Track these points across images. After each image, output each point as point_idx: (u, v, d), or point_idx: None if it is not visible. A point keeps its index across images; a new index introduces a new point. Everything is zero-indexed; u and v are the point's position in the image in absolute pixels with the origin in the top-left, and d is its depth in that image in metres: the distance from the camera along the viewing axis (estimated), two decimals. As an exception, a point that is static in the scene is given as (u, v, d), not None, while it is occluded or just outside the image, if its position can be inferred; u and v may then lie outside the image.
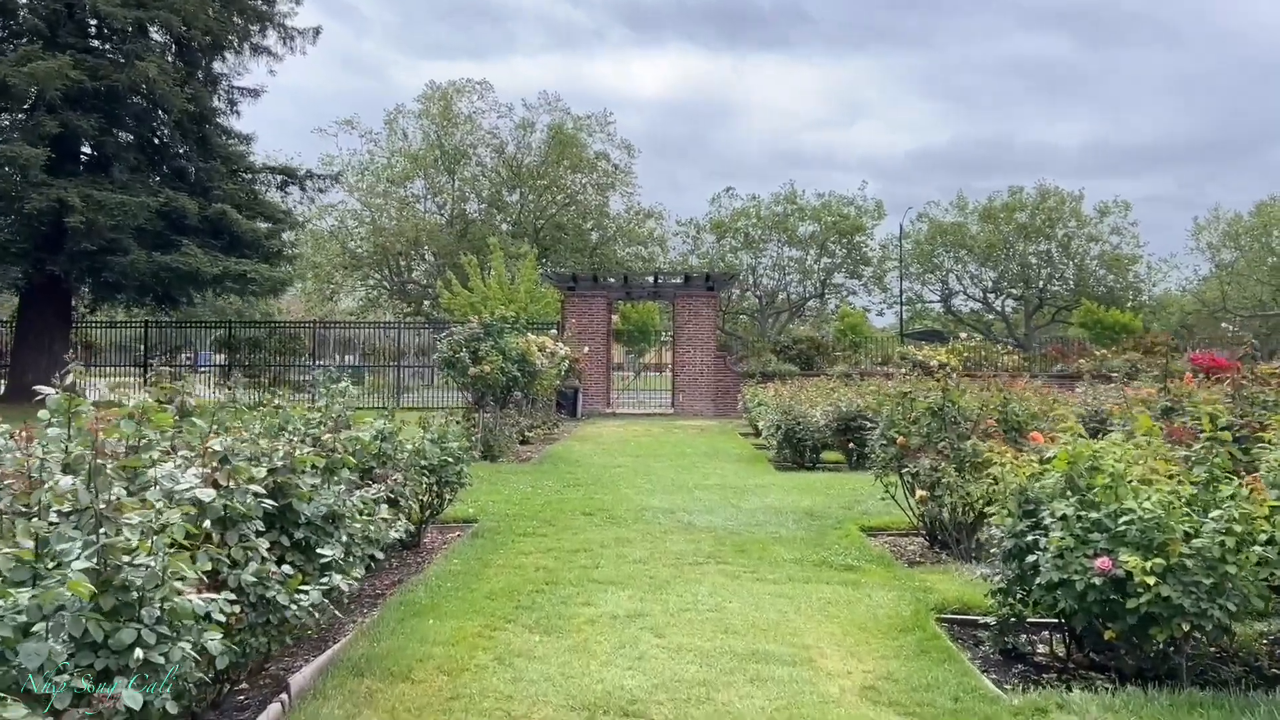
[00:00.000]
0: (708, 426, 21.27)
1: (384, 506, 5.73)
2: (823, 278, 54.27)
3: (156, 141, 21.68)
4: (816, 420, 13.65)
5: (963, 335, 27.09)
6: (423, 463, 7.20)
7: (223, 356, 25.54)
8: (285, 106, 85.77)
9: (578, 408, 24.39)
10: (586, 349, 24.59)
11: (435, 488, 7.84)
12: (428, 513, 8.00)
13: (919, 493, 7.48)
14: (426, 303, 51.35)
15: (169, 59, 21.82)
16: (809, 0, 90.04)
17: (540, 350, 18.14)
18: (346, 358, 30.80)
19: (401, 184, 50.95)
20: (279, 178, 23.81)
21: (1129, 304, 48.86)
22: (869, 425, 13.22)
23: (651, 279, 26.19)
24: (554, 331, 23.88)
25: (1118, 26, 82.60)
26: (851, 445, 13.25)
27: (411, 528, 6.97)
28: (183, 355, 26.05)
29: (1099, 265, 52.89)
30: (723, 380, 25.24)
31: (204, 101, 22.01)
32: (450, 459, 7.88)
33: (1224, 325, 49.90)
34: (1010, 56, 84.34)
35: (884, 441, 8.22)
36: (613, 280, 26.50)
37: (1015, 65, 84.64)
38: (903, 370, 24.90)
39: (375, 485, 5.86)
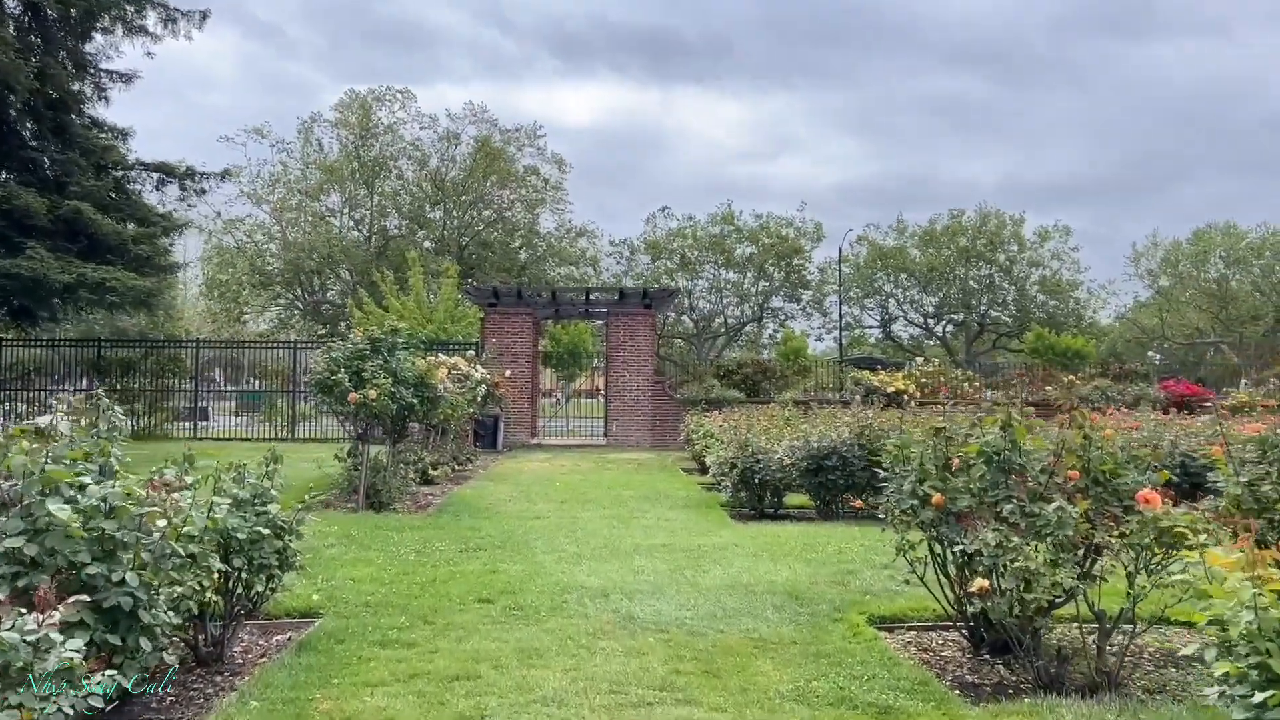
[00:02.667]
0: (645, 460, 18.70)
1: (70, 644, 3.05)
2: (761, 301, 52.34)
3: (2, 128, 18.49)
4: (779, 458, 11.19)
5: (919, 360, 24.99)
6: (192, 549, 4.45)
7: (88, 381, 22.23)
8: (207, 127, 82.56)
9: (498, 439, 21.62)
10: (509, 372, 21.87)
11: (245, 575, 5.15)
12: (238, 608, 5.31)
13: (978, 582, 4.97)
14: (343, 324, 48.10)
15: (21, 32, 18.69)
16: (735, 35, 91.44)
17: (450, 372, 15.42)
18: (252, 381, 27.61)
19: (316, 197, 47.70)
20: (156, 176, 20.72)
21: (1072, 330, 47.77)
22: (857, 464, 10.85)
23: (582, 295, 23.62)
24: (471, 353, 21.14)
25: (1030, 69, 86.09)
26: (823, 489, 10.80)
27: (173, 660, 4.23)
28: (62, 381, 22.65)
29: (1039, 290, 51.90)
30: (661, 407, 22.72)
31: (62, 83, 18.87)
32: (267, 533, 5.19)
33: (1150, 354, 49.33)
34: (930, 95, 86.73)
35: (912, 499, 5.72)
36: (539, 296, 23.85)
37: (935, 103, 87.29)
38: (858, 397, 22.71)
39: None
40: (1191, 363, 51.34)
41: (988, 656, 5.51)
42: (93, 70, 20.66)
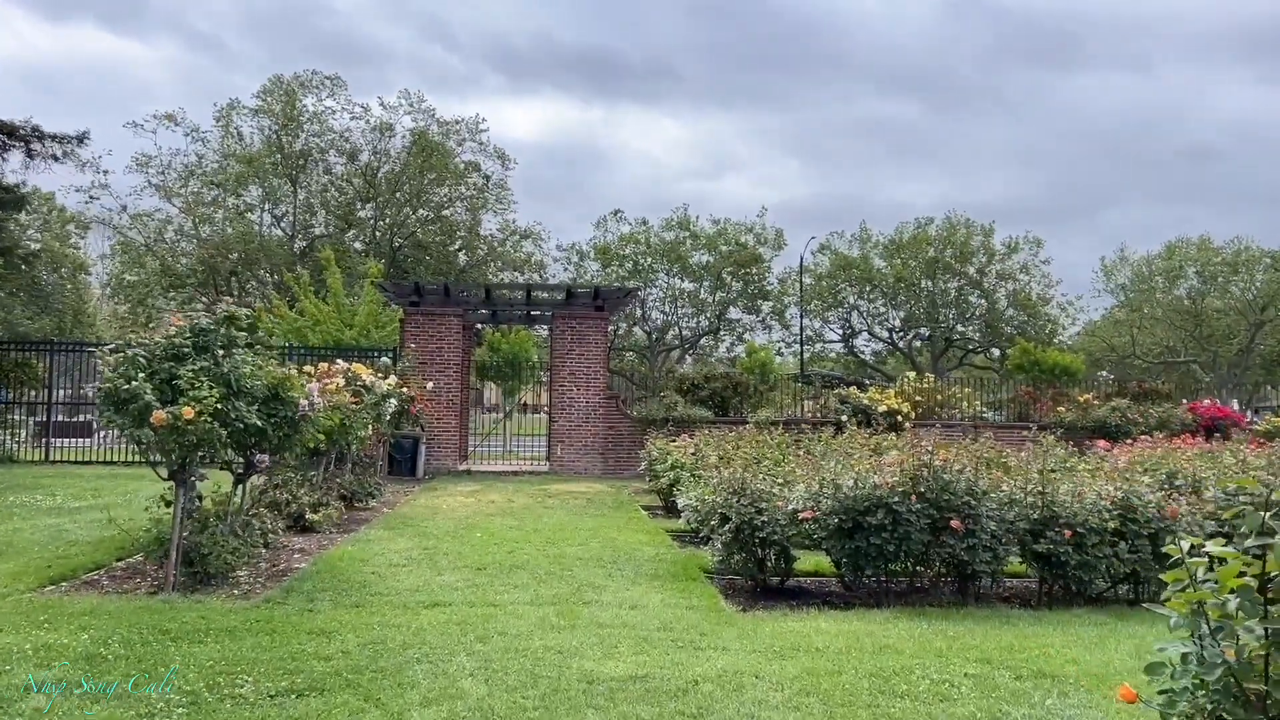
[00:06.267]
0: (596, 493, 15.16)
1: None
2: (718, 312, 49.07)
3: None
4: (791, 509, 7.76)
5: (910, 374, 21.81)
6: None
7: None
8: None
9: (418, 464, 17.91)
10: (430, 384, 18.17)
11: None
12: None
13: None
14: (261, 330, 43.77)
15: None
16: (678, 58, 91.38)
17: (345, 384, 11.75)
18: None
19: (234, 191, 43.38)
20: (-7, 138, 16.72)
21: (1050, 345, 45.24)
22: (914, 523, 7.42)
23: (522, 294, 20.01)
24: (386, 360, 17.43)
25: (961, 96, 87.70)
26: (862, 557, 7.35)
27: None
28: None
29: (1008, 305, 49.37)
30: (615, 428, 19.19)
31: None
32: None
33: (1102, 373, 47.07)
34: (865, 119, 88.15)
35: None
36: (472, 295, 20.19)
37: (870, 127, 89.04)
38: (843, 417, 19.39)
39: None
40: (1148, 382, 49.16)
41: None
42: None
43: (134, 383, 6.95)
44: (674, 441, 14.28)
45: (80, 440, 21.74)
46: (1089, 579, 7.42)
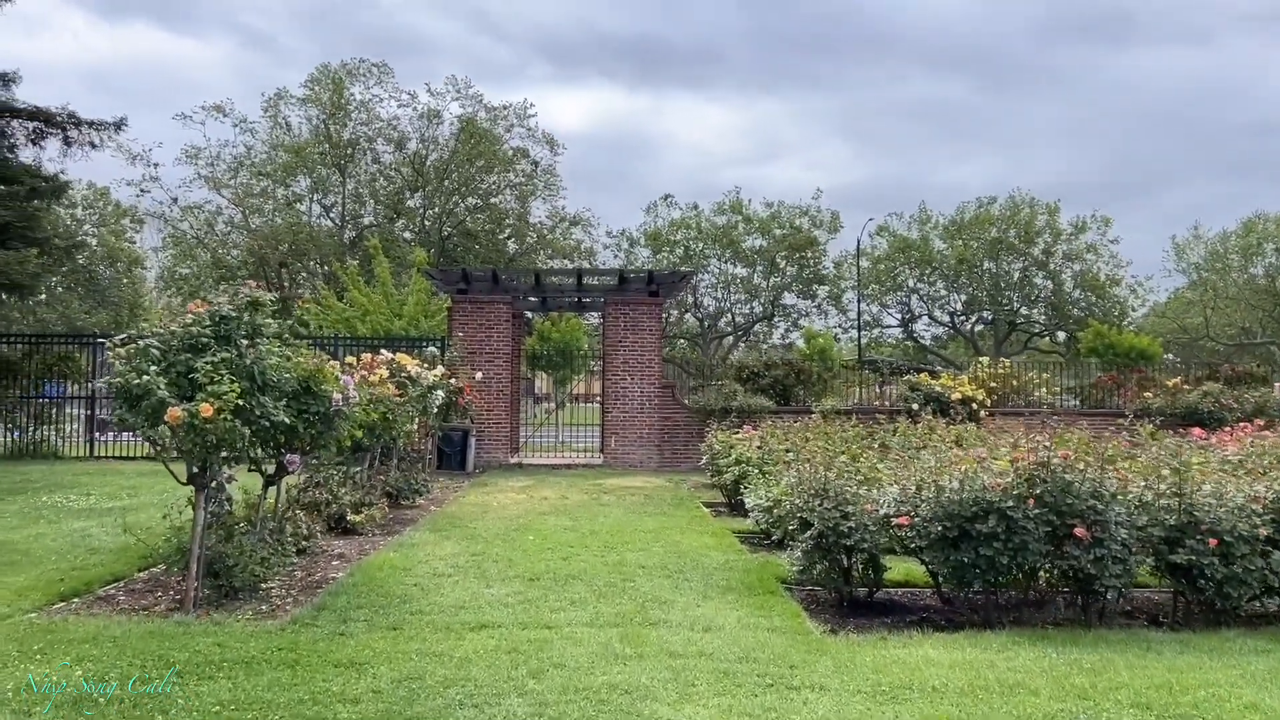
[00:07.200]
0: (653, 489, 14.30)
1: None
2: (772, 297, 47.92)
3: None
4: (882, 514, 6.83)
5: (983, 359, 20.61)
6: None
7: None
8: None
9: (468, 459, 17.21)
10: (479, 375, 17.45)
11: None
12: None
13: None
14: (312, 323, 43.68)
15: None
16: (724, 43, 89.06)
17: (389, 375, 11.01)
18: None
19: (283, 182, 43.21)
20: (31, 126, 16.24)
21: (1118, 328, 43.39)
22: (1033, 532, 6.43)
23: (573, 279, 19.17)
24: (433, 350, 16.72)
25: (1013, 74, 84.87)
26: (971, 571, 6.37)
27: None
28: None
29: (1075, 286, 47.49)
30: (671, 418, 18.32)
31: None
32: None
33: (1167, 356, 44.82)
34: (915, 100, 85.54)
35: None
36: (521, 281, 19.42)
37: (920, 109, 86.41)
38: (914, 406, 18.29)
39: None
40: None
41: None
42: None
43: (145, 377, 6.21)
44: (736, 433, 13.39)
45: (127, 435, 21.40)
46: (1236, 595, 6.37)
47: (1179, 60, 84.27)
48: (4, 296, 20.00)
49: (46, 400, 18.07)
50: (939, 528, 6.39)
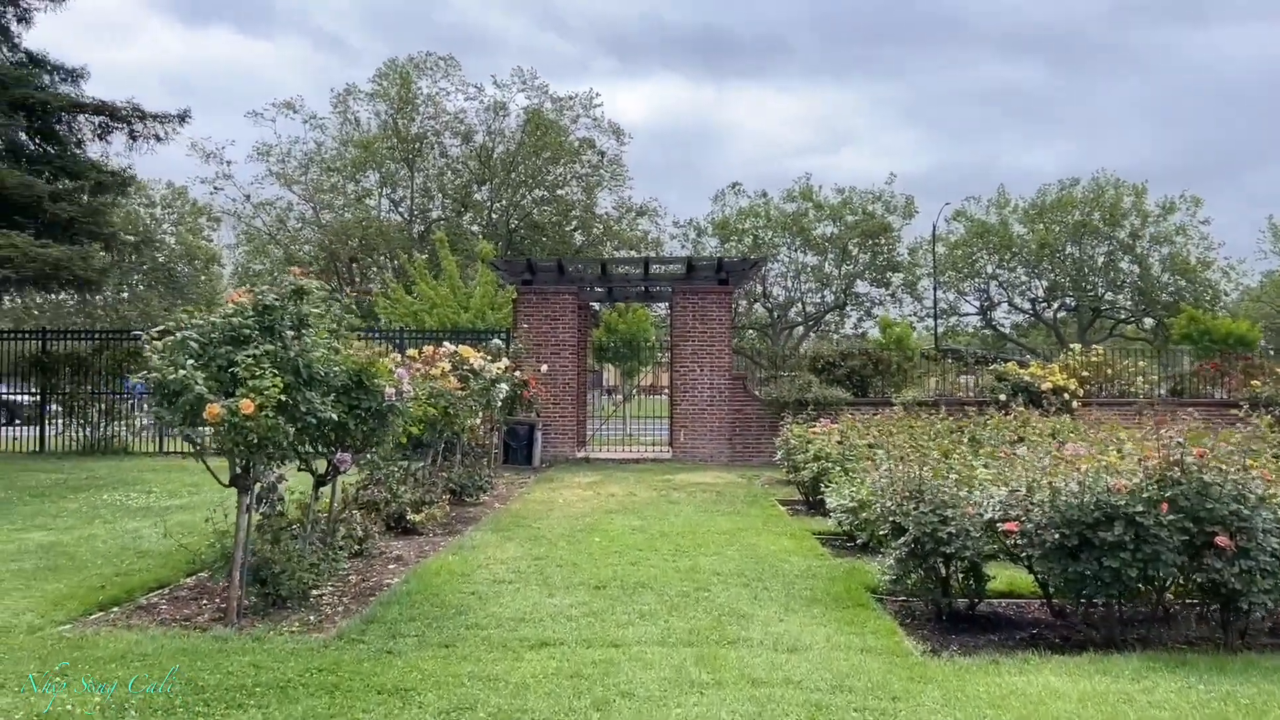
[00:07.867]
0: (725, 485, 13.66)
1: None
2: (844, 286, 46.74)
3: None
4: (988, 518, 6.10)
5: (1075, 346, 19.49)
6: None
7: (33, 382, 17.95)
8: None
9: (534, 453, 16.77)
10: (545, 367, 16.99)
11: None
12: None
13: None
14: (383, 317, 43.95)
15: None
16: (788, 32, 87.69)
17: (441, 365, 10.57)
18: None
19: (353, 177, 43.45)
20: (97, 120, 16.23)
21: (1210, 313, 41.28)
22: (1167, 542, 5.64)
23: (640, 268, 18.59)
24: (498, 342, 16.29)
25: (1088, 55, 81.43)
26: (1093, 584, 5.61)
27: None
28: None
29: (1163, 270, 45.33)
30: (742, 411, 17.64)
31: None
32: None
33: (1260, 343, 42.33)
34: (985, 85, 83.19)
35: None
36: (586, 271, 18.90)
37: (991, 93, 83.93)
38: (1001, 396, 17.32)
39: None
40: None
41: None
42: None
43: (182, 371, 5.79)
44: (813, 427, 12.66)
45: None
46: None
47: (1258, 38, 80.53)
48: (66, 293, 20.07)
49: (116, 396, 18.11)
50: (1055, 535, 5.65)
